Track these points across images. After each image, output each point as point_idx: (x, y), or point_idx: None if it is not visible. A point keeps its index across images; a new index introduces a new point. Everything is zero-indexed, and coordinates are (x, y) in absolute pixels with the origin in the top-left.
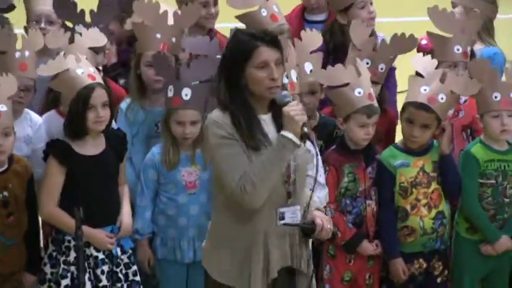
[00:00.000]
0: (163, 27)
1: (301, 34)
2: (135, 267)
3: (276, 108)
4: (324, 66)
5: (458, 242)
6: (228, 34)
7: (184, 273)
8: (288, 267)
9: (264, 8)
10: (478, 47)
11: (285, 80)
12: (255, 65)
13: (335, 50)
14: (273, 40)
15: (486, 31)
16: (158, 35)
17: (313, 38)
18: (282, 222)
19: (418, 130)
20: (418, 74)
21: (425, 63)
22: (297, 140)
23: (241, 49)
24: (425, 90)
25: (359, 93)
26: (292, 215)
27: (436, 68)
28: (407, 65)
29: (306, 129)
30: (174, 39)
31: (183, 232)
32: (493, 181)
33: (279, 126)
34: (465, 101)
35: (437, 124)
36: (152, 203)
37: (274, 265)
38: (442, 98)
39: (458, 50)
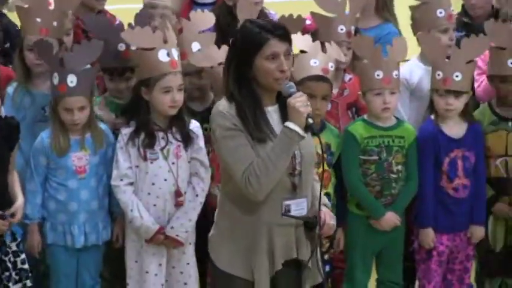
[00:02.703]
0: (43, 12)
1: (191, 14)
2: (23, 256)
3: (282, 100)
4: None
5: (350, 218)
6: (119, 16)
7: (74, 258)
8: (294, 259)
9: None
10: (375, 23)
11: (166, 58)
12: (264, 57)
13: (224, 32)
14: (283, 33)
15: (384, 4)
16: (38, 19)
17: (204, 17)
18: (287, 214)
19: (320, 102)
20: None
21: (303, 40)
22: (301, 132)
23: (251, 40)
24: (315, 63)
25: None
26: (298, 207)
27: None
28: None
29: (310, 121)
30: (55, 23)
31: (74, 217)
32: (375, 157)
33: (285, 117)
34: (350, 79)
35: (331, 94)
36: (42, 188)
37: (278, 257)
38: (331, 67)
39: (342, 29)
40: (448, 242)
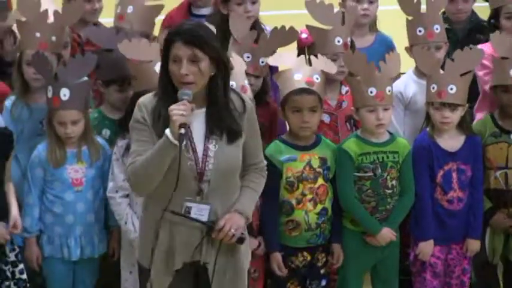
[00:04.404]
0: (42, 26)
1: None
2: (21, 266)
3: (212, 103)
4: None
5: (344, 234)
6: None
7: (71, 270)
8: (197, 262)
9: None
10: (372, 39)
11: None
12: (171, 58)
13: (220, 40)
14: (189, 38)
15: (374, 22)
16: (38, 34)
17: None
18: (183, 215)
19: (307, 115)
20: None
21: (289, 56)
22: (172, 139)
23: (165, 41)
24: (298, 76)
25: (231, 85)
26: (199, 212)
27: None
28: None
29: (182, 131)
30: (54, 38)
31: (70, 230)
32: (370, 174)
33: (212, 121)
34: (347, 92)
35: (321, 106)
36: (39, 201)
37: (179, 256)
38: (317, 78)
39: (338, 41)
40: (440, 253)
